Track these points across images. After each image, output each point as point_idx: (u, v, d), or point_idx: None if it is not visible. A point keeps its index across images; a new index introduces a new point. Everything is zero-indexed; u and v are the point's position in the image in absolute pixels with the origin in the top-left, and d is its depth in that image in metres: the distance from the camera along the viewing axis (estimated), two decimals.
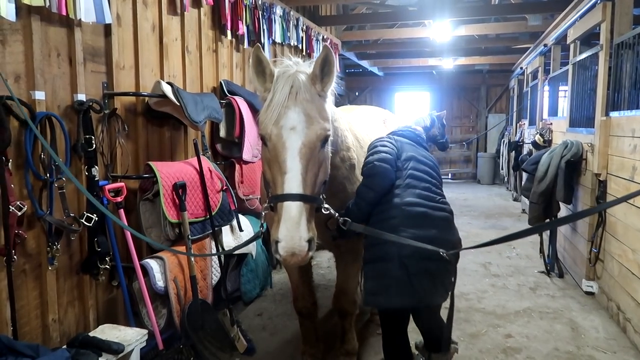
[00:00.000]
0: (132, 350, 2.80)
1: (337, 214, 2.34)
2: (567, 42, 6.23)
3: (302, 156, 2.07)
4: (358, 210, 2.64)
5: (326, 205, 2.26)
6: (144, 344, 2.90)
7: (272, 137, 2.12)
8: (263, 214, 2.35)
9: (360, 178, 2.96)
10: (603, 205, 4.33)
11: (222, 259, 3.91)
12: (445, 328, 2.60)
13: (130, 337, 2.81)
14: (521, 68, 10.94)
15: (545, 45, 7.90)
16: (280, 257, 2.03)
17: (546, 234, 5.91)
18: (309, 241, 2.03)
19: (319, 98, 2.19)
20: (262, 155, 2.29)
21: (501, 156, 12.43)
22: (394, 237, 2.40)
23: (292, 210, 2.01)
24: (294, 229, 1.99)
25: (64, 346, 2.64)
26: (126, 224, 3.15)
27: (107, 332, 2.86)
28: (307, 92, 2.14)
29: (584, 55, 5.50)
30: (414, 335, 3.13)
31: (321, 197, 2.24)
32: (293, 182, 2.05)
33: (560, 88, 7.76)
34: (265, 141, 2.17)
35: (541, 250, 5.97)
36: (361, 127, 3.38)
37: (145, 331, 2.93)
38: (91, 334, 2.78)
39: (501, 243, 2.21)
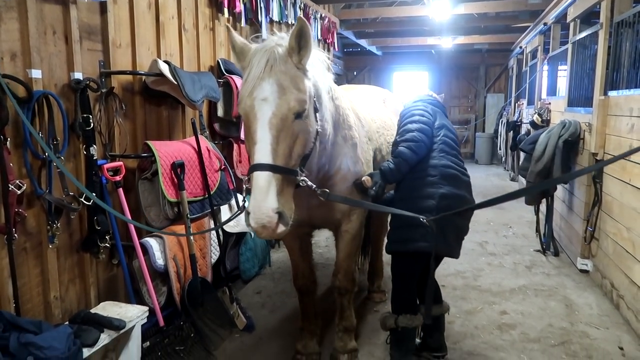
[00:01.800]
0: (134, 326, 2.84)
1: (314, 186, 2.33)
2: (567, 21, 6.19)
3: (272, 126, 2.07)
4: (398, 172, 2.90)
5: (303, 178, 2.24)
6: (145, 320, 2.95)
7: (246, 109, 2.13)
8: (245, 187, 2.37)
9: (362, 158, 2.98)
10: (596, 165, 4.37)
11: (222, 238, 3.94)
12: (428, 289, 2.83)
13: (132, 313, 2.85)
14: (520, 47, 10.87)
15: (545, 24, 7.83)
16: (251, 230, 2.04)
17: (542, 214, 5.95)
18: (280, 213, 2.02)
19: (297, 70, 2.18)
20: (243, 129, 2.30)
21: (499, 136, 12.43)
22: (371, 206, 2.85)
23: (260, 180, 2.02)
24: (261, 199, 2.00)
25: (66, 322, 2.68)
26: (125, 203, 3.17)
27: (108, 309, 2.90)
28: (283, 64, 2.14)
29: (583, 34, 5.46)
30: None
31: (298, 170, 2.21)
32: (262, 152, 2.05)
33: (560, 67, 7.73)
34: (241, 114, 2.19)
35: (537, 230, 6.03)
36: (362, 107, 3.37)
37: (146, 308, 2.97)
38: (93, 310, 2.82)
39: (493, 205, 2.39)
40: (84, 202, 2.93)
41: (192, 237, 3.46)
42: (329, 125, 2.68)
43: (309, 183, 2.28)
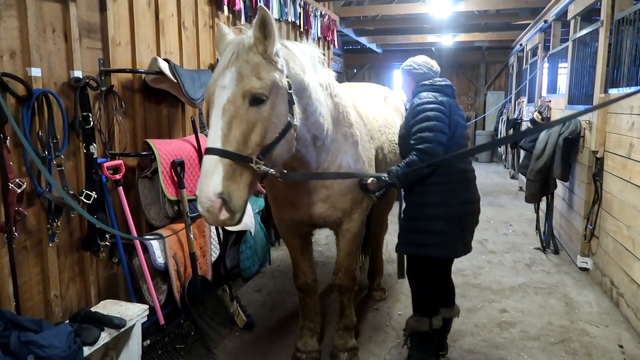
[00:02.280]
0: (134, 325, 2.85)
1: (271, 171, 2.22)
2: (568, 18, 6.18)
3: (225, 112, 2.08)
4: (406, 180, 2.79)
5: (261, 165, 2.14)
6: (145, 319, 2.95)
7: (209, 96, 2.17)
8: None
9: (364, 156, 2.97)
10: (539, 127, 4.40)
11: (222, 236, 3.94)
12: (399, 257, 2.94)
13: (132, 312, 2.86)
14: (521, 45, 10.85)
15: (545, 22, 7.82)
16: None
17: (542, 211, 5.95)
18: (224, 199, 2.01)
19: (261, 59, 2.17)
20: None
21: (499, 134, 12.41)
22: (331, 175, 2.80)
23: (205, 164, 2.03)
24: (203, 182, 2.00)
25: (67, 321, 2.68)
26: (125, 201, 3.17)
27: (108, 307, 2.90)
28: (246, 54, 2.15)
29: (584, 32, 5.46)
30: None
31: (255, 158, 2.12)
32: (212, 136, 2.06)
33: (560, 65, 7.72)
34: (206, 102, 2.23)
35: (537, 228, 6.03)
36: (364, 105, 3.37)
37: (146, 306, 2.97)
38: (93, 309, 2.82)
39: (471, 155, 2.52)
40: (84, 200, 2.93)
41: (192, 236, 3.45)
42: (327, 121, 2.68)
43: (263, 168, 2.18)
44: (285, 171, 2.45)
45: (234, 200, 2.05)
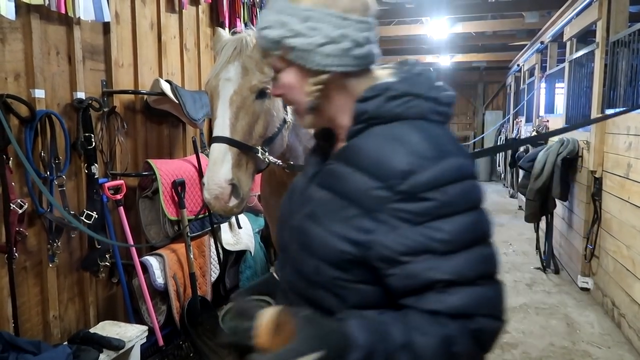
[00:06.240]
0: (133, 346, 2.82)
1: (279, 162, 2.28)
2: (564, 40, 6.27)
3: (232, 102, 2.11)
4: None
5: (266, 155, 2.19)
6: (144, 340, 2.93)
7: (211, 89, 2.19)
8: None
9: None
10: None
11: (222, 256, 3.93)
12: None
13: (131, 333, 2.84)
14: (518, 65, 10.97)
15: (542, 43, 7.93)
16: (206, 201, 2.04)
17: (542, 231, 5.95)
18: (234, 185, 2.02)
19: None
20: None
21: (498, 153, 12.46)
22: None
23: (214, 151, 2.04)
24: (212, 168, 2.01)
25: (65, 342, 2.66)
26: (126, 221, 3.17)
27: (107, 328, 2.88)
28: (248, 50, 2.18)
29: (580, 53, 5.54)
30: None
31: (260, 148, 2.17)
32: (220, 126, 2.08)
33: (557, 85, 7.81)
34: (207, 94, 2.25)
35: (537, 247, 6.02)
36: None
37: (145, 327, 2.95)
38: (92, 330, 2.81)
39: None
40: (85, 220, 2.93)
41: (192, 256, 3.45)
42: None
43: (272, 159, 2.22)
44: (291, 162, 2.47)
45: (244, 187, 2.08)
